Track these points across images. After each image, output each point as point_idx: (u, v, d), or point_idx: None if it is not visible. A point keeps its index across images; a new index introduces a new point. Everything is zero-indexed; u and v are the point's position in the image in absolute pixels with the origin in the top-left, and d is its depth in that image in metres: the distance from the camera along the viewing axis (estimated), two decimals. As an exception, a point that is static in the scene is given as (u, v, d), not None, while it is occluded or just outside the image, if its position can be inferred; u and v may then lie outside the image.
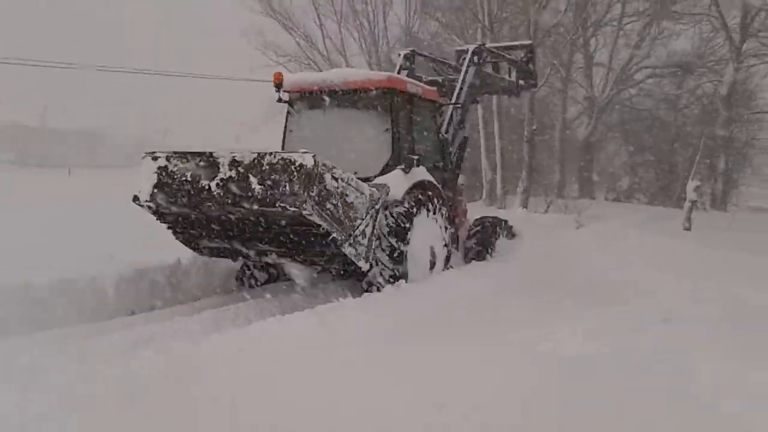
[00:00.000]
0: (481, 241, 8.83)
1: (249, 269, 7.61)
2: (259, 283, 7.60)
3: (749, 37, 22.57)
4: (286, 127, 7.68)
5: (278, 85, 7.20)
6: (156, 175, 5.87)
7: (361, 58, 32.71)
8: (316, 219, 5.43)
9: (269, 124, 34.32)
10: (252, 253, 6.43)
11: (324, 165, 5.50)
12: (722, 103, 22.75)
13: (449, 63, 10.46)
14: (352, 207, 5.87)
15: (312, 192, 5.34)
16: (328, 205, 5.56)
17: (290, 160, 5.32)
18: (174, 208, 5.97)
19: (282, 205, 5.27)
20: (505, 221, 9.83)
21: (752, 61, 24.31)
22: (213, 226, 6.13)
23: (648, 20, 25.65)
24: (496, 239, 9.17)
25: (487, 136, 21.73)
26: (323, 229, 5.57)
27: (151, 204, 6.01)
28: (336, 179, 5.67)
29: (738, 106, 24.53)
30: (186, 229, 6.45)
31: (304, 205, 5.25)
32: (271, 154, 5.42)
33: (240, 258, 6.74)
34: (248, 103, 38.94)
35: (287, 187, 5.27)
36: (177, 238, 6.69)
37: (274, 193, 5.31)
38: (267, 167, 5.37)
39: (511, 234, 9.86)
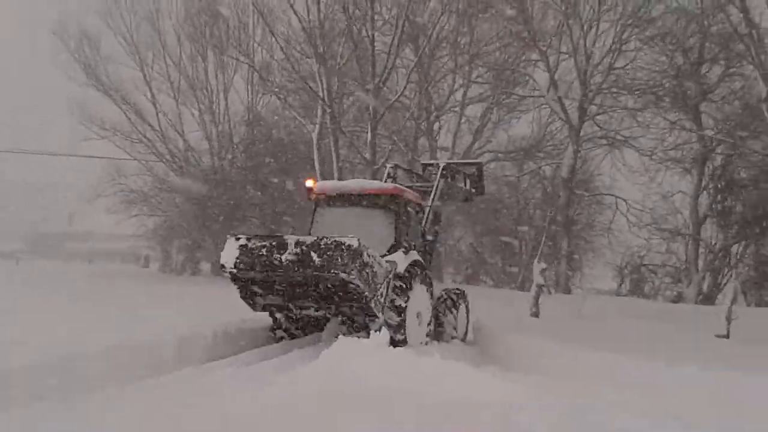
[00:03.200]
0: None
1: (279, 328, 9.45)
2: (285, 338, 9.39)
3: (587, 120, 23.33)
4: (313, 219, 9.86)
5: (309, 189, 9.76)
6: (238, 250, 7.99)
7: (199, 134, 30.63)
8: (357, 282, 7.56)
9: (101, 198, 31.15)
10: (294, 307, 8.65)
11: (363, 245, 7.65)
12: (563, 185, 23.04)
13: (418, 173, 12.77)
14: (376, 275, 8.02)
15: (356, 263, 7.47)
16: (364, 273, 7.68)
17: (341, 242, 7.46)
18: (250, 274, 8.07)
19: (335, 271, 7.41)
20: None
21: (589, 145, 25.31)
22: (275, 287, 8.32)
23: (489, 105, 26.17)
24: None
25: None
26: (360, 289, 7.68)
27: (234, 270, 8.07)
28: (369, 256, 7.84)
29: (578, 189, 25.16)
30: (251, 290, 8.54)
31: (352, 272, 7.40)
32: (325, 238, 7.62)
33: (282, 312, 8.99)
34: (75, 178, 35.29)
35: (339, 260, 7.38)
36: (241, 295, 8.73)
37: (330, 264, 7.40)
38: (323, 246, 7.51)
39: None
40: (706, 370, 6.38)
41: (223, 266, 8.14)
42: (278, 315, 9.20)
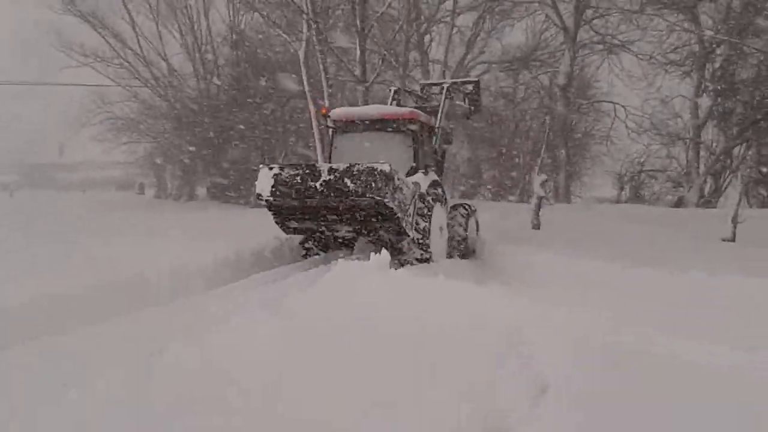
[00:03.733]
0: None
1: (308, 247, 9.96)
2: (316, 255, 9.86)
3: (583, 25, 22.43)
4: (332, 144, 10.24)
5: (325, 116, 10.25)
6: (273, 179, 8.36)
7: (183, 57, 29.63)
8: (391, 204, 7.93)
9: (86, 127, 30.54)
10: (326, 229, 9.06)
11: (393, 170, 7.97)
12: (560, 94, 22.40)
13: (418, 94, 13.02)
14: (405, 196, 8.42)
15: (389, 187, 7.84)
16: (396, 195, 8.07)
17: (374, 167, 7.79)
18: (286, 201, 8.41)
19: (370, 195, 7.77)
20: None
21: (586, 51, 24.47)
22: (308, 212, 8.68)
23: (481, 13, 25.07)
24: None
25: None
26: (394, 210, 8.06)
27: (270, 198, 8.43)
28: (399, 179, 8.19)
29: (576, 97, 24.55)
30: (284, 215, 8.93)
31: (386, 196, 7.78)
32: (357, 164, 7.89)
33: (313, 234, 9.46)
34: (58, 108, 34.47)
35: (373, 185, 7.73)
36: (275, 221, 9.14)
37: (365, 189, 7.77)
38: (357, 172, 7.83)
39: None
40: (716, 276, 6.22)
41: (259, 195, 8.54)
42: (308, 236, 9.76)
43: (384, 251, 6.92)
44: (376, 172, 7.75)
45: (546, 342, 3.98)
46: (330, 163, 9.49)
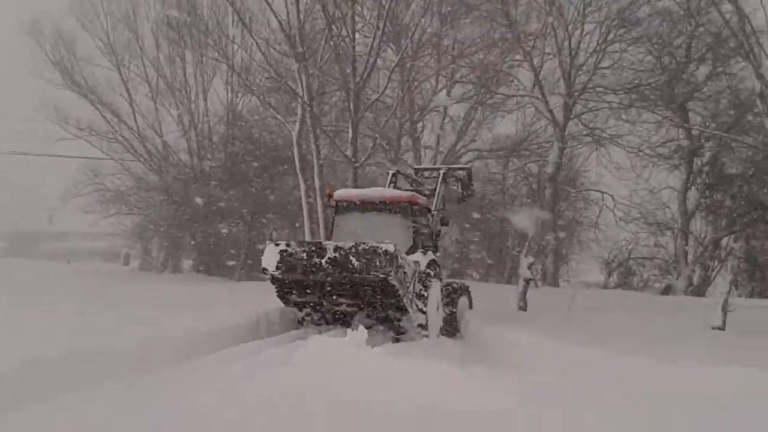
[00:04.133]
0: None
1: (308, 319, 10.01)
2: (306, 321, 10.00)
3: (572, 118, 22.98)
4: (333, 223, 10.68)
5: (329, 197, 10.71)
6: (279, 255, 8.75)
7: (177, 134, 30.03)
8: (395, 282, 8.35)
9: (76, 198, 30.45)
10: (327, 304, 9.43)
11: (397, 249, 8.38)
12: (548, 182, 22.67)
13: (413, 177, 13.43)
14: (406, 274, 8.76)
15: (393, 265, 8.21)
16: (399, 273, 8.44)
17: (378, 246, 8.22)
18: (291, 276, 8.87)
19: (375, 273, 8.18)
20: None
21: (575, 143, 24.98)
22: (312, 287, 9.13)
23: (473, 105, 25.72)
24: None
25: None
26: (396, 287, 8.45)
27: (276, 273, 8.88)
28: (402, 258, 8.60)
29: (564, 186, 24.85)
30: (287, 289, 9.39)
31: (390, 274, 8.20)
32: (362, 244, 8.31)
33: (314, 308, 9.70)
34: (53, 179, 34.62)
35: (378, 263, 8.12)
36: (277, 294, 9.56)
37: (369, 266, 8.14)
38: (361, 251, 8.24)
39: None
40: (707, 366, 5.96)
41: (265, 269, 8.93)
42: (308, 309, 9.96)
43: (361, 328, 6.79)
44: (380, 251, 8.13)
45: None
46: (331, 240, 9.85)
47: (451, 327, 10.50)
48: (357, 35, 19.75)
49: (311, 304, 9.62)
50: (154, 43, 29.21)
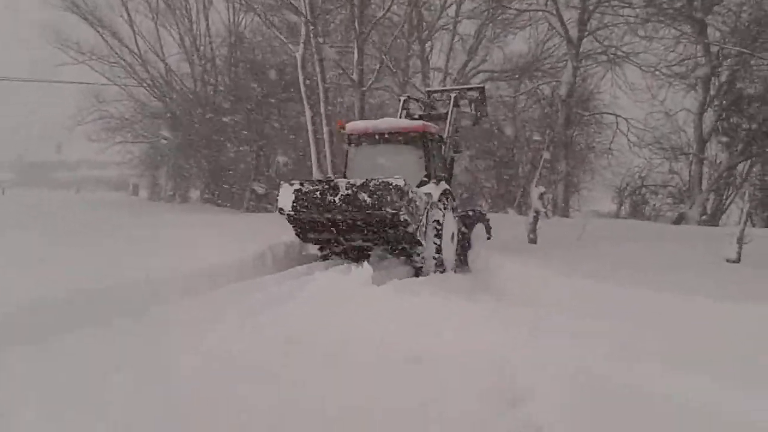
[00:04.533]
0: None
1: (325, 254, 10.24)
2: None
3: (587, 35, 22.04)
4: (347, 157, 10.80)
5: (341, 129, 10.78)
6: (294, 194, 8.96)
7: (180, 57, 29.30)
8: (405, 216, 8.46)
9: (81, 125, 30.17)
10: (343, 240, 9.47)
11: (407, 184, 8.50)
12: (561, 104, 21.97)
13: (425, 101, 13.20)
14: (418, 208, 8.88)
15: (403, 200, 8.35)
16: (410, 208, 8.57)
17: (388, 182, 8.32)
18: (307, 215, 9.02)
19: (385, 209, 8.31)
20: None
21: (589, 62, 24.07)
22: (327, 224, 9.14)
23: (483, 21, 24.69)
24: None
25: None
26: (407, 221, 8.57)
27: (291, 212, 9.08)
28: (412, 192, 8.70)
29: (577, 108, 24.12)
30: (304, 227, 9.44)
31: (401, 209, 8.32)
32: (373, 180, 8.42)
33: (329, 244, 9.85)
34: (54, 105, 34.17)
35: (388, 198, 8.26)
36: (295, 232, 9.62)
37: (380, 202, 8.30)
38: (372, 187, 8.37)
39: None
40: (721, 302, 5.76)
41: (281, 210, 9.13)
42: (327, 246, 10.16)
43: (366, 264, 6.72)
44: (390, 187, 8.23)
45: (539, 379, 3.55)
46: (346, 174, 10.37)
47: (465, 258, 10.67)
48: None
49: (330, 240, 9.76)
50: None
